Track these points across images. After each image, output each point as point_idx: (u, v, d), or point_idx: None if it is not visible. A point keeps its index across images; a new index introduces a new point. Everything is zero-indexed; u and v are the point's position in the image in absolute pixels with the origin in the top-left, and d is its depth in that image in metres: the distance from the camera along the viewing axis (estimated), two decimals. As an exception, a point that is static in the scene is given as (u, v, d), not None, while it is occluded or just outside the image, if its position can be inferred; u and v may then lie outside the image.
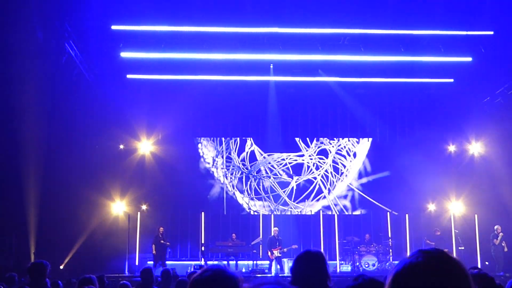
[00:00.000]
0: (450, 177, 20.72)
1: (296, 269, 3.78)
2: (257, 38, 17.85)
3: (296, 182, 21.92)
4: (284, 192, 21.81)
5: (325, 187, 21.92)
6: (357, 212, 21.75)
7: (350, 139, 22.24)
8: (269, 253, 18.59)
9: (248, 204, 21.64)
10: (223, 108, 21.29)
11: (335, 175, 22.04)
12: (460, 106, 20.55)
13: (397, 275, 1.60)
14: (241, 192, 21.72)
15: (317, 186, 21.87)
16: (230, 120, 21.77)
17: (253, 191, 21.75)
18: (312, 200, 21.79)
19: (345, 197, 22.00)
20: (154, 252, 18.42)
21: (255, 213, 21.50)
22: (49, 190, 16.94)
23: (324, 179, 21.99)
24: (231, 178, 21.80)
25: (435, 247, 1.67)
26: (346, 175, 22.09)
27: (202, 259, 19.19)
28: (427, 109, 21.43)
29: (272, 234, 19.18)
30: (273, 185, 21.83)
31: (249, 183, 21.83)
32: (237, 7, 16.71)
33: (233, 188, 21.73)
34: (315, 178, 21.97)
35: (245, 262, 19.20)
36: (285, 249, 18.52)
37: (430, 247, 1.68)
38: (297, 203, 21.76)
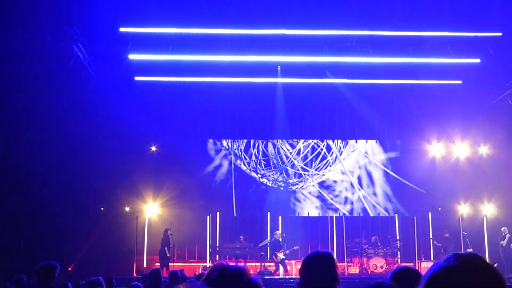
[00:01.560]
0: (459, 179, 20.61)
1: (305, 271, 3.62)
2: (265, 40, 17.85)
3: (303, 144, 22.11)
4: (291, 153, 21.88)
5: (333, 152, 22.11)
6: (362, 192, 21.72)
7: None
8: (274, 257, 18.53)
9: (256, 171, 21.76)
10: (230, 110, 21.30)
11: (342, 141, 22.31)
12: (468, 108, 20.43)
13: (433, 277, 1.59)
14: (249, 156, 21.80)
15: (323, 150, 22.06)
16: (237, 121, 21.78)
17: (260, 153, 21.84)
18: (319, 163, 21.90)
19: (352, 173, 22.04)
20: (168, 254, 18.42)
21: (263, 178, 21.54)
22: (55, 193, 16.99)
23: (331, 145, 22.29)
24: (238, 144, 22.05)
25: (472, 252, 1.66)
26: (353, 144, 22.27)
27: (210, 261, 19.18)
28: (435, 111, 21.29)
29: (276, 237, 19.09)
30: (280, 146, 21.97)
31: (256, 145, 22.04)
32: (244, 9, 16.70)
33: (241, 152, 21.80)
34: (322, 141, 22.25)
35: (253, 264, 19.17)
36: (287, 251, 18.47)
37: (467, 252, 1.67)
38: (304, 164, 21.91)
